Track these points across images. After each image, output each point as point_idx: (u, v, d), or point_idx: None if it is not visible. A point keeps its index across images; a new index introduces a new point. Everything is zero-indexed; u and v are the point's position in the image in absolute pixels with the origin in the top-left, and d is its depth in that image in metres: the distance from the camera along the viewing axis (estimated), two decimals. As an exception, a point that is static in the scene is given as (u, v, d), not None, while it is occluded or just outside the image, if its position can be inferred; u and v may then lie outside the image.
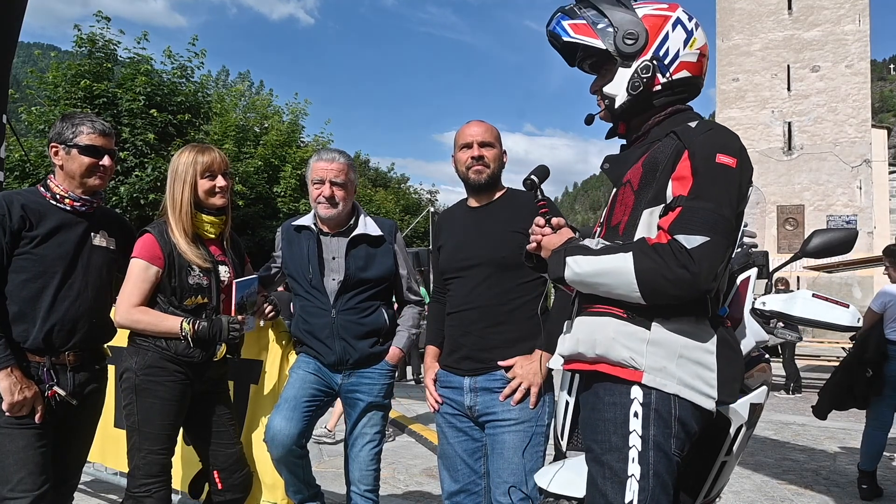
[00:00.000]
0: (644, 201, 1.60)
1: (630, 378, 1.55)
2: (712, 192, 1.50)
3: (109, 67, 14.25)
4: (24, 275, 2.23)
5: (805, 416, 7.71)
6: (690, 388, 1.54)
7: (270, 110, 19.42)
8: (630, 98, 1.71)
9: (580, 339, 1.64)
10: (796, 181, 23.78)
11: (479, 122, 2.49)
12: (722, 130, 1.60)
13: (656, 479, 1.52)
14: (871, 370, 4.48)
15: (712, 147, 1.54)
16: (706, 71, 1.76)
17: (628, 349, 1.55)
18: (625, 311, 1.58)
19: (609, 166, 1.78)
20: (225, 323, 2.43)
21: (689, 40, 1.69)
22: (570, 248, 1.64)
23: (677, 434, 1.55)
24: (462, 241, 2.45)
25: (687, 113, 1.74)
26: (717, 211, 1.48)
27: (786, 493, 4.66)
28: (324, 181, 2.69)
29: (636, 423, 1.54)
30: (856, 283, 21.92)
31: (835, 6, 23.70)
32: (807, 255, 2.24)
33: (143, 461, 2.36)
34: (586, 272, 1.57)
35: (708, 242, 1.45)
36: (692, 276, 1.44)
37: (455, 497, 2.42)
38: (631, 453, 1.53)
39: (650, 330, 1.55)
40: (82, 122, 2.33)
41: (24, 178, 13.08)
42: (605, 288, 1.56)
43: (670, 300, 1.51)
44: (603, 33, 1.69)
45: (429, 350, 2.58)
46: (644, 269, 1.48)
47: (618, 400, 1.56)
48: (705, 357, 1.56)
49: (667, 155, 1.59)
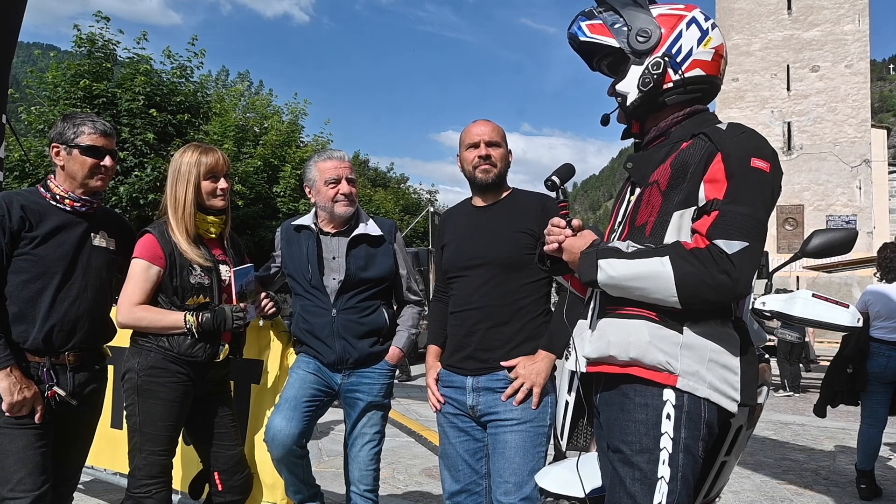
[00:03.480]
0: (674, 203, 1.59)
1: (665, 382, 1.55)
2: (748, 196, 1.49)
3: (109, 67, 14.23)
4: (23, 275, 2.23)
5: (805, 416, 7.71)
6: (719, 391, 1.55)
7: (270, 110, 19.39)
8: (641, 95, 1.70)
9: (612, 342, 1.62)
10: (796, 181, 23.80)
11: (486, 121, 2.49)
12: (755, 134, 1.59)
13: (684, 482, 1.54)
14: (852, 367, 4.61)
15: (747, 151, 1.53)
16: (723, 72, 1.75)
17: (664, 353, 1.55)
18: (657, 314, 1.57)
19: (633, 166, 1.77)
20: (228, 312, 2.43)
21: (703, 39, 1.68)
22: (602, 251, 1.61)
23: (704, 437, 1.57)
24: (467, 240, 2.45)
25: (708, 113, 1.74)
26: (754, 215, 1.48)
27: (785, 493, 4.66)
28: (339, 179, 2.69)
29: (668, 426, 1.54)
30: (855, 283, 21.92)
31: (834, 6, 23.72)
32: (807, 255, 2.25)
33: (143, 462, 2.35)
34: (622, 276, 1.55)
35: (747, 248, 1.45)
36: (733, 281, 1.44)
37: (456, 497, 2.42)
38: (662, 455, 1.53)
39: (682, 333, 1.55)
40: (83, 122, 2.33)
41: (23, 178, 13.06)
42: (640, 292, 1.54)
43: (707, 305, 1.51)
44: (617, 32, 1.71)
45: (430, 350, 2.58)
46: (684, 274, 1.47)
47: (650, 401, 1.56)
48: (731, 361, 1.57)
49: (698, 156, 1.57)
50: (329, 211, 2.73)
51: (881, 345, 4.51)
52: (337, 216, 2.73)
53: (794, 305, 2.16)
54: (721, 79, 1.75)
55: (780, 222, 23.90)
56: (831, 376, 4.81)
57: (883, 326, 4.54)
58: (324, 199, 2.72)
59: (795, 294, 2.21)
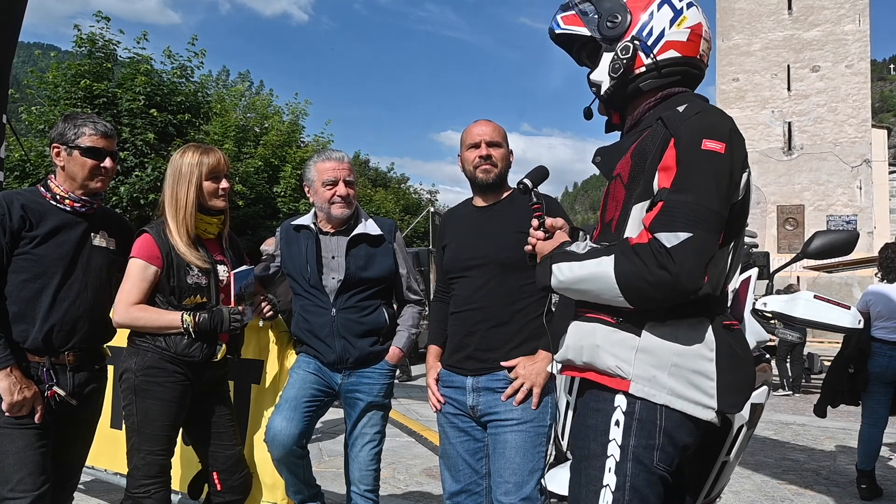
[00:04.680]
0: (634, 195, 1.50)
1: (617, 387, 1.48)
2: (696, 182, 1.38)
3: (109, 67, 14.22)
4: (23, 275, 2.23)
5: (805, 416, 7.71)
6: (684, 398, 1.45)
7: (270, 110, 19.39)
8: (613, 82, 1.63)
9: (569, 346, 1.60)
10: (796, 181, 23.81)
11: (487, 121, 2.48)
12: (711, 113, 1.48)
13: (633, 493, 1.44)
14: (854, 367, 4.62)
15: (699, 132, 1.42)
16: (704, 52, 1.64)
17: (615, 357, 1.48)
18: (614, 317, 1.51)
19: (601, 159, 1.68)
20: (226, 314, 2.43)
21: (676, 19, 1.59)
22: (557, 255, 1.57)
23: (662, 447, 1.46)
24: (467, 240, 2.45)
25: (681, 96, 1.61)
26: (701, 203, 1.37)
27: (786, 493, 4.66)
28: (337, 181, 2.69)
29: (616, 432, 1.47)
30: (856, 283, 21.92)
31: (835, 6, 23.73)
32: (808, 256, 2.25)
33: (142, 462, 2.35)
34: (569, 279, 1.51)
35: (690, 239, 1.34)
36: (673, 277, 1.34)
37: (456, 497, 2.41)
38: (608, 462, 1.46)
39: (640, 337, 1.47)
40: (84, 123, 2.33)
41: (24, 178, 13.05)
42: (591, 294, 1.49)
43: (658, 304, 1.42)
44: (589, 20, 1.66)
45: (431, 350, 2.57)
46: (623, 273, 1.40)
47: (601, 406, 1.51)
48: (702, 365, 1.46)
49: (655, 144, 1.48)
50: (326, 212, 2.73)
51: (882, 345, 4.52)
52: (333, 218, 2.73)
53: (796, 307, 2.17)
54: (703, 60, 1.65)
55: (780, 222, 23.91)
56: (832, 376, 4.83)
57: (884, 326, 4.55)
58: (321, 200, 2.72)
59: (797, 295, 2.21)
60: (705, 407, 1.45)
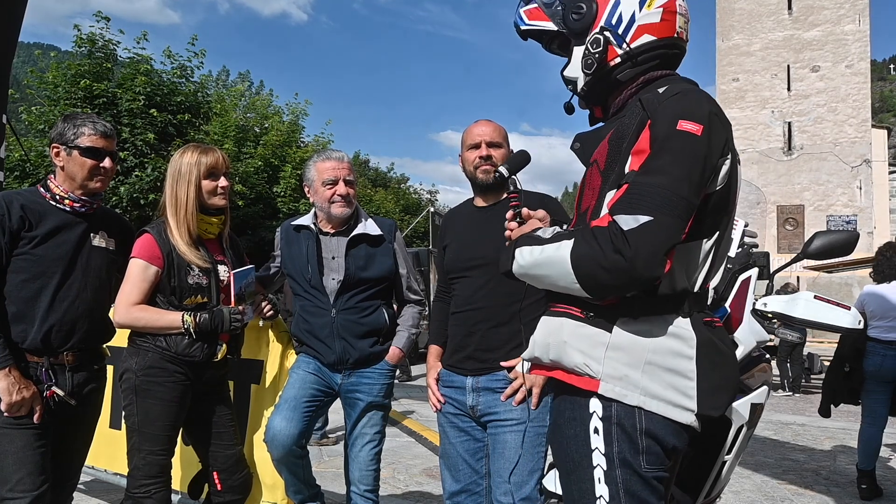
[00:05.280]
0: (609, 182, 1.40)
1: (586, 387, 1.38)
2: (666, 164, 1.28)
3: (109, 67, 14.22)
4: (22, 275, 2.23)
5: (805, 416, 7.71)
6: (659, 399, 1.34)
7: (270, 110, 19.40)
8: (588, 78, 1.53)
9: (536, 342, 1.50)
10: (796, 181, 23.83)
11: (488, 121, 2.48)
12: (690, 94, 1.37)
13: (629, 498, 1.34)
14: (849, 365, 4.67)
15: (675, 113, 1.32)
16: (682, 28, 1.51)
17: (583, 354, 1.38)
18: (582, 311, 1.40)
19: (580, 145, 1.58)
20: (226, 314, 2.43)
21: (645, 0, 1.47)
22: (521, 239, 1.46)
23: (647, 450, 1.35)
24: (468, 240, 2.45)
25: (664, 79, 1.50)
26: (668, 186, 1.26)
27: (786, 493, 4.66)
28: (337, 181, 2.69)
29: (598, 441, 1.36)
30: (855, 284, 21.92)
31: (835, 6, 23.74)
32: (808, 256, 2.25)
33: (142, 462, 2.35)
34: (528, 263, 1.40)
35: (650, 223, 1.23)
36: (628, 262, 1.23)
37: (457, 497, 2.41)
38: (596, 473, 1.36)
39: (611, 332, 1.37)
40: (84, 123, 2.33)
41: (24, 178, 13.06)
42: (548, 280, 1.37)
43: (614, 292, 1.31)
44: (553, 13, 1.55)
45: (431, 350, 2.57)
46: (579, 256, 1.28)
47: (577, 415, 1.40)
48: (681, 363, 1.35)
49: (632, 127, 1.38)
50: (326, 212, 2.73)
51: (876, 344, 4.57)
52: (333, 217, 2.73)
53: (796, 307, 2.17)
54: (682, 39, 1.52)
55: (780, 222, 23.93)
56: (831, 376, 4.86)
57: (878, 326, 4.60)
58: (321, 200, 2.72)
59: (797, 295, 2.22)
60: (684, 409, 1.35)
